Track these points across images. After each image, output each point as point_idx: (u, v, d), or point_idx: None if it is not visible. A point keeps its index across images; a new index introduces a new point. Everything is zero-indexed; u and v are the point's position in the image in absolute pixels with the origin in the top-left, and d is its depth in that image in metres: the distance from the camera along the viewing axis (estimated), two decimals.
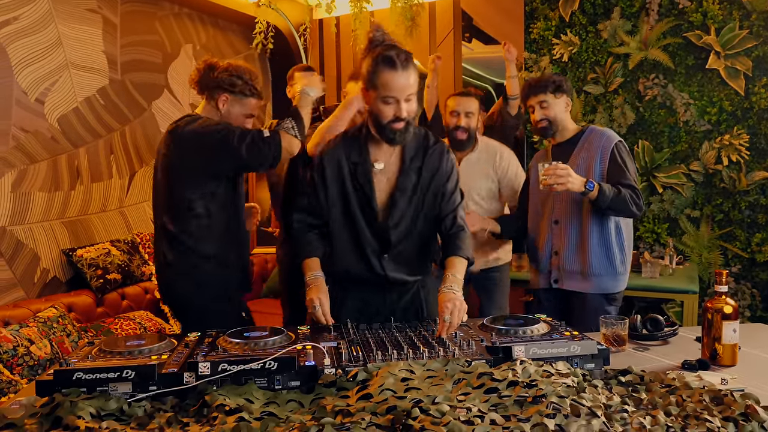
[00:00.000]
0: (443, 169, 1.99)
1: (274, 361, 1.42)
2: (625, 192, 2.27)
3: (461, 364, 1.45)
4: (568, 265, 2.43)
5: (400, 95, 1.83)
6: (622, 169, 2.33)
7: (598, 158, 2.38)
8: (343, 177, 1.96)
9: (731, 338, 1.69)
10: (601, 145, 2.38)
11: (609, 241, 2.38)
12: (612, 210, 2.30)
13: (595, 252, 2.38)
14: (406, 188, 1.95)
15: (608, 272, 2.39)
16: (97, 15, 3.62)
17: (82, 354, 1.54)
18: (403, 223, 1.95)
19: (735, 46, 3.71)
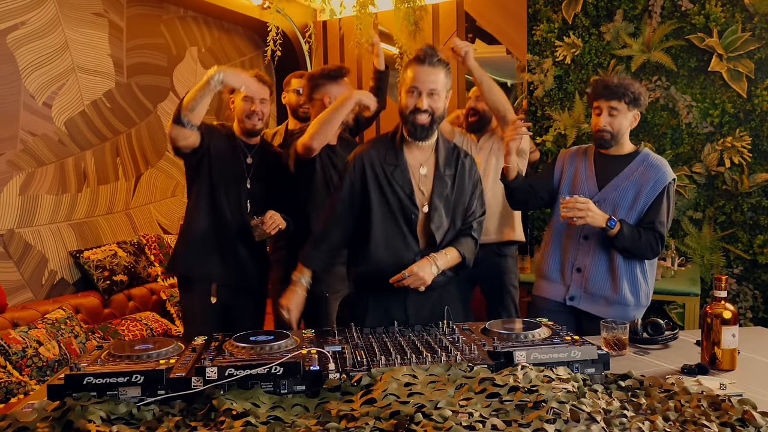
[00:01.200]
0: (472, 180, 2.10)
1: (280, 366, 1.44)
2: (647, 236, 2.18)
3: (463, 369, 1.48)
4: (594, 287, 2.29)
5: (423, 87, 1.93)
6: (662, 211, 2.21)
7: (648, 190, 2.23)
8: (380, 180, 2.03)
9: (730, 343, 1.71)
10: (656, 178, 2.23)
11: (635, 269, 2.27)
12: (624, 251, 2.21)
13: (625, 280, 2.26)
14: (442, 193, 2.04)
15: (633, 303, 2.28)
16: (103, 19, 3.65)
17: (92, 358, 1.57)
18: (443, 226, 2.04)
19: (737, 48, 3.72)
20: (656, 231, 2.20)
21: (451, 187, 2.05)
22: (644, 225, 2.22)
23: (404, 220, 2.01)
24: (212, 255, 2.45)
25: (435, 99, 1.95)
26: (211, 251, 2.45)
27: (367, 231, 2.03)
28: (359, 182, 2.05)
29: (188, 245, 2.47)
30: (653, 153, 2.33)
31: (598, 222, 2.15)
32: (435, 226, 2.02)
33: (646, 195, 2.23)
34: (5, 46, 3.11)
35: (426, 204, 2.03)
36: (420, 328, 1.87)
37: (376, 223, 2.03)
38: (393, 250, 2.02)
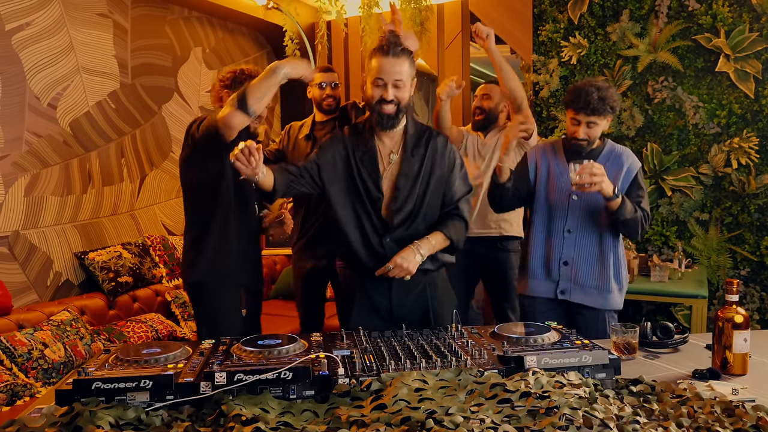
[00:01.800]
0: (446, 159, 2.11)
1: (290, 371, 1.43)
2: (640, 213, 2.26)
3: (474, 374, 1.47)
4: (584, 278, 2.33)
5: (388, 78, 1.97)
6: (640, 191, 2.31)
7: (622, 177, 2.30)
8: (350, 164, 2.07)
9: (742, 347, 1.70)
10: (627, 165, 2.32)
11: (619, 256, 2.36)
12: (624, 225, 2.25)
13: (613, 266, 2.33)
14: (408, 174, 2.06)
15: (617, 289, 2.34)
16: (108, 20, 3.64)
17: (99, 362, 1.56)
18: (405, 208, 2.06)
19: (745, 48, 3.70)
20: (643, 209, 2.27)
21: (419, 167, 2.07)
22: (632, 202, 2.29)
23: (370, 203, 2.06)
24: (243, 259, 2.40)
25: (400, 89, 1.99)
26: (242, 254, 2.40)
27: (336, 215, 2.08)
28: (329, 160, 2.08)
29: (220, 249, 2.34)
30: (615, 144, 2.40)
31: (608, 190, 2.16)
32: (396, 207, 2.04)
33: (621, 183, 2.30)
34: (10, 47, 3.10)
35: (390, 187, 2.07)
36: (428, 331, 1.86)
37: (344, 206, 2.07)
38: (363, 233, 2.07)
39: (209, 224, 2.33)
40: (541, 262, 2.40)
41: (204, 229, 2.34)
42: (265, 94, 2.09)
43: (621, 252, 2.37)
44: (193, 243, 2.37)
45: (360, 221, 2.07)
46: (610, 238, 2.34)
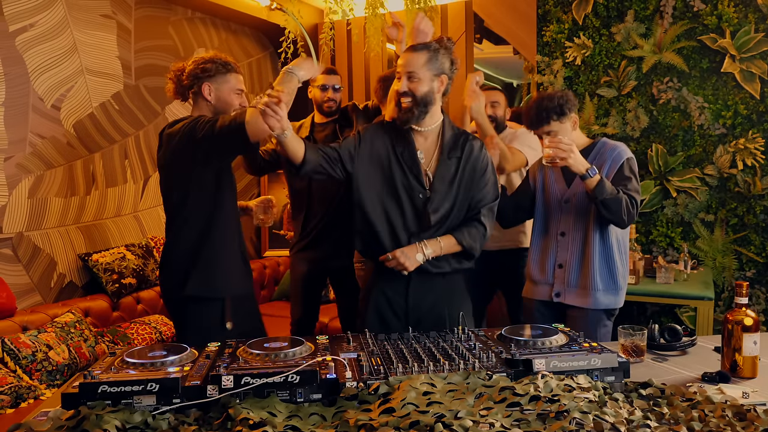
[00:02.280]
0: (481, 162, 2.11)
1: (297, 374, 1.42)
2: (624, 196, 2.20)
3: (482, 377, 1.46)
4: (577, 280, 2.36)
5: (402, 70, 2.02)
6: (627, 179, 2.28)
7: (606, 170, 2.32)
8: (390, 158, 2.08)
9: (752, 350, 1.69)
10: (611, 158, 2.33)
11: (611, 254, 2.33)
12: (605, 207, 2.19)
13: (598, 266, 2.32)
14: (444, 176, 2.07)
15: (609, 287, 2.33)
16: (111, 21, 3.64)
17: (105, 365, 1.55)
18: (441, 209, 2.07)
19: (751, 49, 3.69)
20: (628, 194, 2.22)
21: (455, 170, 2.07)
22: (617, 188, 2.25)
23: (408, 199, 2.06)
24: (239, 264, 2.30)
25: (414, 82, 1.99)
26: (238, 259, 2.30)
27: (364, 207, 2.07)
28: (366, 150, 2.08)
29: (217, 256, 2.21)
30: (609, 140, 2.39)
31: (578, 166, 2.16)
32: (433, 208, 2.05)
33: (606, 172, 2.30)
34: (14, 48, 3.10)
35: (428, 187, 2.07)
36: (435, 334, 1.85)
37: (375, 198, 2.07)
38: (392, 228, 2.07)
39: (208, 230, 2.19)
40: (538, 266, 2.46)
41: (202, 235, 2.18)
42: (290, 100, 2.01)
43: (615, 252, 2.34)
44: (187, 252, 2.18)
45: (390, 216, 2.07)
46: (601, 238, 2.33)
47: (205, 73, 2.19)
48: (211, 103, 2.23)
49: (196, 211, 2.19)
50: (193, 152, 2.12)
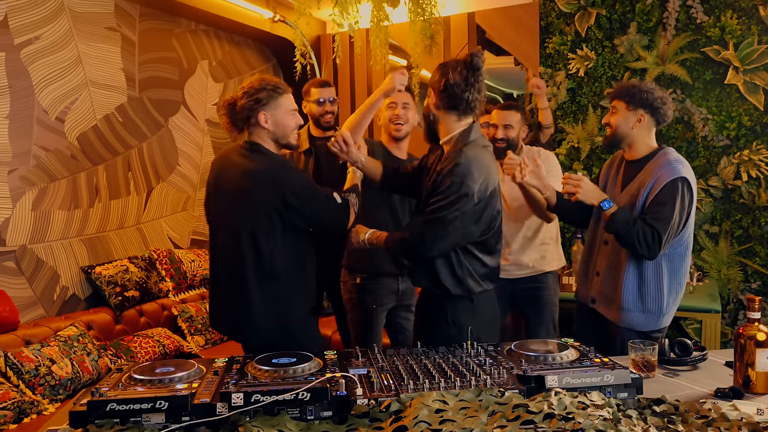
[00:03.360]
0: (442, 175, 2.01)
1: (307, 391, 1.41)
2: (641, 226, 2.11)
3: (495, 394, 1.44)
4: (605, 290, 2.32)
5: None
6: (660, 206, 2.13)
7: (648, 187, 2.19)
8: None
9: (765, 366, 1.67)
10: (657, 176, 2.18)
11: (644, 275, 2.23)
12: (619, 239, 2.18)
13: (628, 284, 2.24)
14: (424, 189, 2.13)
15: (637, 308, 2.24)
16: (116, 33, 3.65)
17: (113, 382, 1.54)
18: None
19: (754, 60, 3.69)
20: (651, 225, 2.12)
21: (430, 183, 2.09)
22: (642, 217, 2.17)
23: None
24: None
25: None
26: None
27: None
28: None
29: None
30: (672, 152, 2.25)
31: (591, 198, 2.20)
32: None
33: (648, 191, 2.19)
34: (19, 61, 3.10)
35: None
36: (444, 349, 1.84)
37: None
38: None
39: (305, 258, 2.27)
40: (584, 270, 2.46)
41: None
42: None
43: (652, 273, 2.23)
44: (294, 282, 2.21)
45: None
46: (635, 257, 2.22)
47: (259, 104, 2.15)
48: (270, 130, 2.19)
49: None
50: (293, 219, 2.15)
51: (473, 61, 1.98)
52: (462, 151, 1.99)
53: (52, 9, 3.25)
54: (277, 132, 2.20)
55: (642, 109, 2.24)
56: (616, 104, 2.29)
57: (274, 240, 2.12)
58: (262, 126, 2.18)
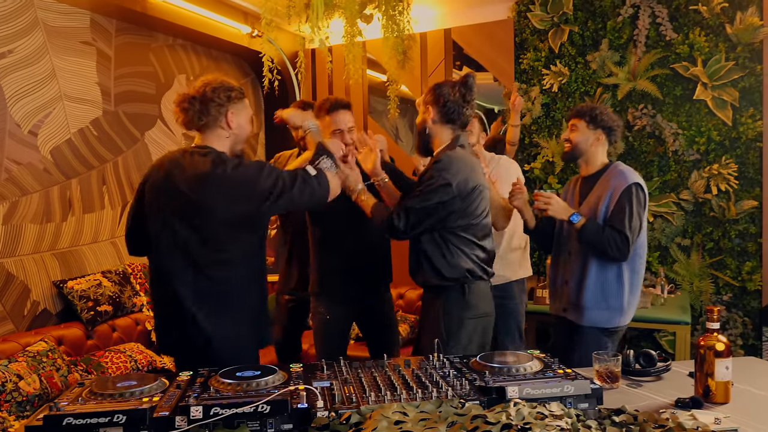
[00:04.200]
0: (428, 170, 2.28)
1: (267, 404, 1.41)
2: (610, 232, 2.33)
3: (455, 405, 1.45)
4: (572, 297, 2.48)
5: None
6: (622, 212, 2.35)
7: (607, 197, 2.40)
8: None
9: (724, 375, 1.69)
10: (613, 186, 2.40)
11: (607, 276, 2.41)
12: (591, 247, 2.39)
13: (591, 285, 2.42)
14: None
15: (600, 306, 2.42)
16: (91, 47, 3.64)
17: (72, 396, 1.52)
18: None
19: (722, 77, 3.78)
20: (617, 229, 2.33)
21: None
22: (608, 224, 2.37)
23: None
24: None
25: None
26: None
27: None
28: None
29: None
30: (621, 164, 2.47)
31: (560, 214, 2.40)
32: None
33: (606, 203, 2.40)
34: None
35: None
36: (409, 361, 1.84)
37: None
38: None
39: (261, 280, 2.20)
40: (553, 282, 2.62)
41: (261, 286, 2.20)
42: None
43: (614, 273, 2.41)
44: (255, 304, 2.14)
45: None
46: (599, 260, 2.42)
47: (229, 100, 2.04)
48: (233, 131, 2.07)
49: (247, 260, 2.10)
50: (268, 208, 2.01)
51: (468, 81, 2.26)
52: (445, 152, 2.23)
53: (26, 23, 3.25)
54: (238, 135, 2.10)
55: (601, 129, 2.48)
56: (577, 123, 2.51)
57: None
58: (228, 125, 2.05)
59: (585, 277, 2.43)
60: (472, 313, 2.25)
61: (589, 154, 2.51)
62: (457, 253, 2.22)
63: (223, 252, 2.02)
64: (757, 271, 3.73)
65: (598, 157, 2.52)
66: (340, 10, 3.01)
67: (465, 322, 2.23)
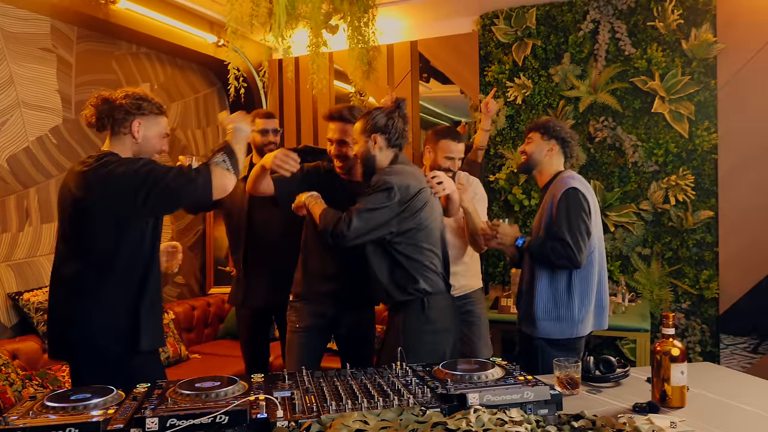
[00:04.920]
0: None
1: (225, 414, 1.38)
2: (551, 243, 2.38)
3: (416, 413, 1.45)
4: (525, 309, 2.52)
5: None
6: (561, 219, 2.39)
7: (549, 206, 2.47)
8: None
9: (679, 380, 1.73)
10: (554, 193, 2.46)
11: (557, 285, 2.44)
12: (539, 261, 2.45)
13: (542, 297, 2.44)
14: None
15: (550, 317, 2.44)
16: (51, 54, 3.57)
17: (23, 410, 1.47)
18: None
19: (678, 91, 3.89)
20: (557, 237, 2.37)
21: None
22: (549, 234, 2.43)
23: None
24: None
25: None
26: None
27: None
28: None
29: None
30: (566, 173, 2.53)
31: (507, 240, 2.53)
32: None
33: (550, 209, 2.46)
34: None
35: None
36: (373, 370, 1.84)
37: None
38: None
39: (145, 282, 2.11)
40: (516, 295, 2.70)
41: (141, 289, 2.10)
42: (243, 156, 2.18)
43: (563, 282, 2.44)
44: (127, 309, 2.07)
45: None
46: (539, 271, 2.47)
47: (139, 110, 2.09)
48: (137, 141, 2.10)
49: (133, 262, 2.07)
50: (144, 200, 1.99)
51: (402, 106, 2.39)
52: (389, 166, 2.34)
53: None
54: (142, 148, 2.11)
55: (554, 140, 2.55)
56: (532, 135, 2.58)
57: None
58: (132, 134, 2.08)
59: (535, 289, 2.46)
60: (431, 327, 2.27)
61: (543, 164, 2.56)
62: (409, 273, 2.27)
63: (96, 249, 2.02)
64: (714, 280, 3.83)
65: (552, 167, 2.57)
66: (304, 20, 3.02)
67: (423, 337, 2.25)
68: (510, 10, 4.27)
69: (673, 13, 3.88)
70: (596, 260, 2.48)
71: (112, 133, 2.11)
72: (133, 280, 2.07)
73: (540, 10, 4.20)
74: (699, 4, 3.83)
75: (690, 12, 3.86)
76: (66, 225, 2.08)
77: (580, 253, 2.34)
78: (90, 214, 2.02)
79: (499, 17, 4.30)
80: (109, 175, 1.98)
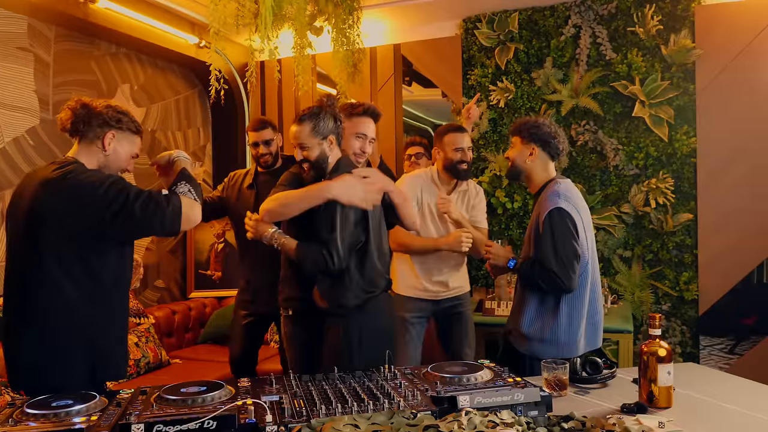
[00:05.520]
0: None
1: (213, 419, 1.36)
2: (539, 272, 2.24)
3: (407, 416, 1.44)
4: (511, 322, 2.43)
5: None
6: (546, 245, 2.24)
7: (536, 223, 2.32)
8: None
9: (666, 380, 1.74)
10: (540, 210, 2.31)
11: (546, 307, 2.31)
12: (532, 286, 2.33)
13: (531, 316, 2.33)
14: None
15: (538, 337, 2.30)
16: (28, 54, 3.50)
17: (2, 417, 1.43)
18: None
19: (658, 95, 3.94)
20: (542, 266, 2.24)
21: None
22: (537, 252, 2.28)
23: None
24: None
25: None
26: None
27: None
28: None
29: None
30: (554, 185, 2.36)
31: (499, 260, 2.46)
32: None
33: (536, 226, 2.30)
34: None
35: None
36: (361, 373, 1.82)
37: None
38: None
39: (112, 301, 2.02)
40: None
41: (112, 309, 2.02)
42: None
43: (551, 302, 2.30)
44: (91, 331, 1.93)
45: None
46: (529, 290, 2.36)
47: (117, 123, 2.01)
48: (106, 154, 2.01)
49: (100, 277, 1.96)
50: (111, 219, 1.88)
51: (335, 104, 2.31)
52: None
53: None
54: (109, 162, 2.03)
55: (533, 143, 2.40)
56: (514, 140, 2.47)
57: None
58: (103, 145, 2.00)
59: (525, 307, 2.35)
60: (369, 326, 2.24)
61: (527, 170, 2.42)
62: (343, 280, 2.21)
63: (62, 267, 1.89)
64: (694, 282, 3.88)
65: (539, 173, 2.42)
66: (289, 21, 3.00)
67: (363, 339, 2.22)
68: (493, 14, 4.29)
69: (653, 19, 3.93)
70: (588, 280, 2.34)
71: (82, 141, 2.01)
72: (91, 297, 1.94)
73: (522, 14, 4.23)
74: (678, 11, 3.89)
75: (669, 18, 3.91)
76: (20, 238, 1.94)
77: (569, 280, 2.21)
78: (47, 222, 1.89)
79: (482, 21, 4.32)
80: (78, 185, 1.89)
